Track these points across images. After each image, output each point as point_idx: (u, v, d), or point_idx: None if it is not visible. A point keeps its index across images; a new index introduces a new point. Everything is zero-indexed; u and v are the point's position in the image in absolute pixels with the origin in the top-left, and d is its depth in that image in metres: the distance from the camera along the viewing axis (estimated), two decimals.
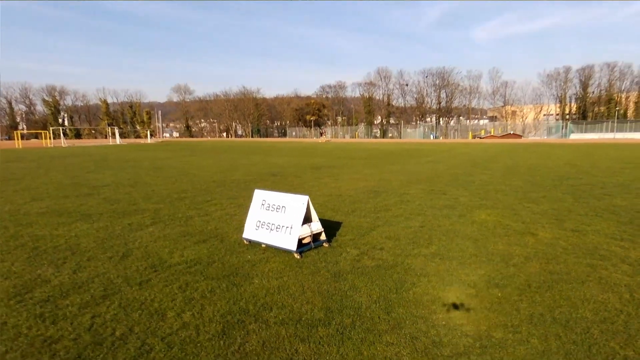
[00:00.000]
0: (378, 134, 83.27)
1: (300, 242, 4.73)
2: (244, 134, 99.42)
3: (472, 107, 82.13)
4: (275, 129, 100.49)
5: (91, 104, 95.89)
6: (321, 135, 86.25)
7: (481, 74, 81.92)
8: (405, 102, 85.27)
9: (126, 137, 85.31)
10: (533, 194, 8.68)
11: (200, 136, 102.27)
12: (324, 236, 5.11)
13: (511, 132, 66.41)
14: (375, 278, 3.96)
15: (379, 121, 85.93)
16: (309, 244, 4.89)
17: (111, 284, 3.87)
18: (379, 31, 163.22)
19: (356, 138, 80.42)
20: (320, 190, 9.56)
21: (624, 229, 5.70)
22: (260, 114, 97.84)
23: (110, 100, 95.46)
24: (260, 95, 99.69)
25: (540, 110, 77.58)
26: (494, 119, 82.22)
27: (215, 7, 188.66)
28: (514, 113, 78.06)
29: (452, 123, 79.87)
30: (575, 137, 59.91)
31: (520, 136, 63.75)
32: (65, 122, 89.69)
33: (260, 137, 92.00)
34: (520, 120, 76.14)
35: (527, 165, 15.76)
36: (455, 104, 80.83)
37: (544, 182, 10.57)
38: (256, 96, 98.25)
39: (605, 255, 4.57)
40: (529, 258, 4.50)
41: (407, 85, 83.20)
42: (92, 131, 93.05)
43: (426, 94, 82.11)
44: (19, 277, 4.05)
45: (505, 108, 78.37)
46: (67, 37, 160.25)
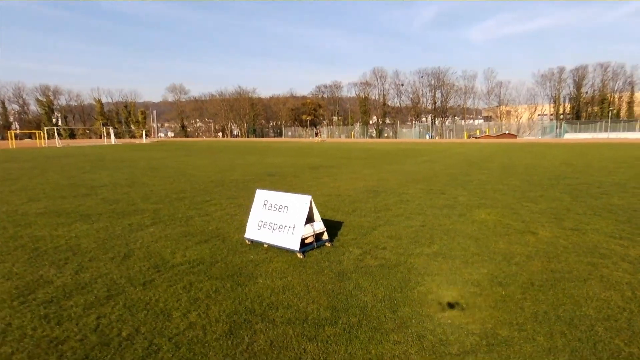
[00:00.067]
0: (374, 134, 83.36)
1: (303, 242, 4.73)
2: (240, 133, 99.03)
3: (467, 107, 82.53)
4: (271, 129, 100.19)
5: (85, 104, 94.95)
6: (316, 136, 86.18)
7: (476, 74, 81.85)
8: (401, 102, 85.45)
9: (121, 137, 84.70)
10: (531, 193, 8.75)
11: (195, 136, 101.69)
12: (326, 236, 5.12)
13: (506, 132, 66.73)
14: (379, 277, 3.97)
15: (374, 121, 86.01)
16: (311, 243, 4.89)
17: (115, 284, 3.85)
18: (375, 31, 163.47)
19: (352, 138, 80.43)
20: (319, 190, 9.56)
21: (622, 227, 5.77)
22: (256, 114, 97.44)
23: (104, 100, 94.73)
24: (255, 95, 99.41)
25: (534, 110, 78.12)
26: (489, 118, 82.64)
27: (215, 7, 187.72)
28: (509, 113, 78.51)
29: (448, 123, 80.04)
30: (569, 137, 60.34)
31: (515, 136, 64.14)
32: (59, 122, 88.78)
33: (256, 137, 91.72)
34: (515, 120, 76.61)
35: (524, 164, 15.87)
36: (451, 104, 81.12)
37: (541, 182, 10.66)
38: (252, 96, 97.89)
39: (605, 253, 4.62)
40: (530, 257, 4.54)
41: (403, 85, 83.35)
42: (87, 131, 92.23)
43: (421, 94, 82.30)
44: (20, 278, 4.02)
45: (500, 108, 78.75)
46: (67, 37, 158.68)
